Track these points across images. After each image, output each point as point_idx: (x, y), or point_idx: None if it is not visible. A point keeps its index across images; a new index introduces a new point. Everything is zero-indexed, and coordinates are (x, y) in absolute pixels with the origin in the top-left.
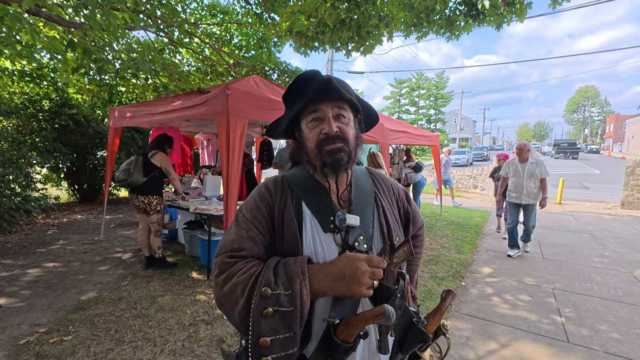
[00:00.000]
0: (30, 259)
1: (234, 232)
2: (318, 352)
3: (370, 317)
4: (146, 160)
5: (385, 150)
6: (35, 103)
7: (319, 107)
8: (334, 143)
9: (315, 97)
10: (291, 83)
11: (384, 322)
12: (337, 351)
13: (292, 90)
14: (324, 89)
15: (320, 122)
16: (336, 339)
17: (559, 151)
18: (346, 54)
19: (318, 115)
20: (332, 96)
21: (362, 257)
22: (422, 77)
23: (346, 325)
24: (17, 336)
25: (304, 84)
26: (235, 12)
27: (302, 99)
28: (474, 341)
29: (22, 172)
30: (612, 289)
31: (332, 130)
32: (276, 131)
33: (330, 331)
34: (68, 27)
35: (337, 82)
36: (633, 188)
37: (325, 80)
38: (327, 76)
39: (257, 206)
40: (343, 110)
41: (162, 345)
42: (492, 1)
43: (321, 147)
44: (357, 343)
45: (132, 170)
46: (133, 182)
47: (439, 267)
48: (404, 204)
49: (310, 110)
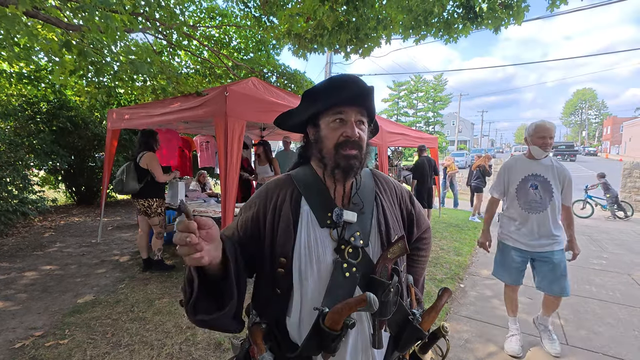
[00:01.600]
0: (27, 261)
1: (230, 224)
2: (309, 341)
3: (353, 304)
4: (137, 165)
5: (383, 153)
6: (33, 105)
7: (345, 110)
8: (352, 149)
9: (349, 101)
10: (328, 81)
11: (366, 310)
12: (326, 339)
13: (323, 89)
14: (362, 96)
15: (342, 125)
16: (323, 327)
17: (556, 153)
18: (345, 56)
19: (342, 117)
20: (364, 103)
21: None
22: (421, 80)
23: (332, 313)
24: (13, 340)
25: (342, 84)
26: (234, 14)
27: (334, 98)
28: (473, 343)
29: (19, 175)
30: (611, 291)
31: (355, 134)
32: (288, 123)
33: (319, 319)
34: (66, 29)
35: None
36: (630, 190)
37: (367, 88)
38: (371, 86)
39: (252, 203)
40: (364, 117)
41: (159, 348)
42: (489, 4)
43: (339, 149)
44: (344, 332)
45: (125, 180)
46: (130, 190)
47: (437, 269)
48: (407, 206)
49: (335, 111)
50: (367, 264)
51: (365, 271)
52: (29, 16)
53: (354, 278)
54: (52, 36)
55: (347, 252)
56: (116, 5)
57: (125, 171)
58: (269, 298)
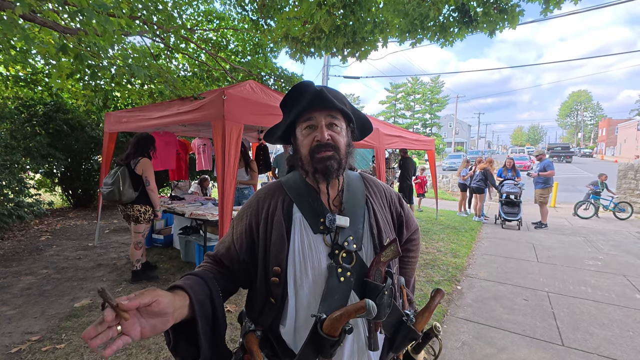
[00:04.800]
0: (23, 265)
1: (225, 234)
2: (307, 347)
3: (352, 311)
4: (131, 171)
5: (381, 155)
6: (29, 108)
7: (313, 116)
8: (325, 151)
9: (308, 106)
10: (288, 92)
11: (365, 316)
12: (324, 345)
13: (288, 99)
14: (317, 99)
15: (313, 130)
16: (322, 333)
17: (552, 155)
18: (342, 59)
19: (312, 123)
20: (324, 105)
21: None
22: (418, 82)
23: (330, 320)
24: (9, 345)
25: (299, 93)
26: (232, 18)
27: (297, 107)
28: (470, 345)
29: (15, 178)
30: (606, 292)
31: (324, 138)
32: (274, 136)
33: (317, 326)
34: (63, 32)
35: (330, 93)
36: (625, 191)
37: (318, 90)
38: (320, 87)
39: (244, 214)
40: (335, 119)
41: (156, 352)
42: (484, 8)
43: (313, 155)
44: (342, 337)
45: (122, 189)
46: (127, 200)
47: (435, 271)
48: (397, 208)
49: (305, 118)
50: (361, 268)
51: (359, 275)
52: (25, 19)
53: (349, 282)
54: (50, 39)
55: (341, 257)
56: (114, 9)
57: (120, 179)
58: (262, 307)
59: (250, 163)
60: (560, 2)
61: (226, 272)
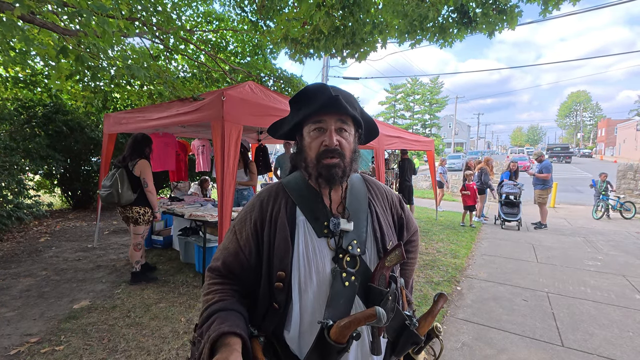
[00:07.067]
0: (22, 267)
1: (226, 241)
2: (312, 353)
3: (361, 318)
4: (129, 173)
5: (380, 156)
6: (28, 109)
7: (324, 119)
8: (332, 158)
9: (321, 109)
10: (302, 89)
11: (375, 324)
12: (330, 352)
13: (300, 97)
14: (333, 104)
15: (322, 133)
16: (329, 340)
17: (552, 155)
18: (341, 60)
19: (321, 125)
20: (338, 110)
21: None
22: (417, 83)
23: (339, 327)
24: (8, 346)
25: (313, 94)
26: (231, 19)
27: (309, 108)
28: (470, 346)
29: (14, 179)
30: (606, 292)
31: (333, 143)
32: (278, 132)
33: (324, 332)
34: (63, 34)
35: (345, 99)
36: (625, 191)
37: (334, 96)
38: (337, 93)
39: (246, 217)
40: (345, 124)
41: (155, 354)
42: (483, 9)
43: (320, 160)
44: (349, 344)
45: (120, 191)
46: (126, 202)
47: (434, 272)
48: (398, 210)
49: (314, 120)
50: (365, 272)
51: (363, 279)
52: (25, 21)
53: (354, 287)
54: (49, 40)
55: (345, 261)
56: (113, 11)
57: (118, 181)
58: (266, 313)
59: (250, 164)
60: (559, 2)
61: (239, 286)
